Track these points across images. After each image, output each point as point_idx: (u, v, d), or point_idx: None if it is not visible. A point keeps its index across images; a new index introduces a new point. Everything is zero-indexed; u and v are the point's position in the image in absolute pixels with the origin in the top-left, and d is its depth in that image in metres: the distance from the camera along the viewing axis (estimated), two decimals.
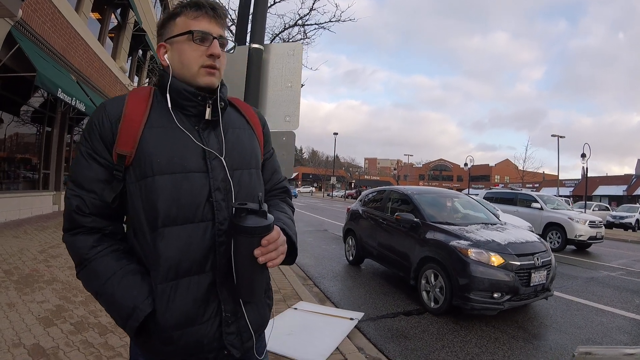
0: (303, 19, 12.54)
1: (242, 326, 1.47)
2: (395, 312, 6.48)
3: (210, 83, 1.45)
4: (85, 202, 1.39)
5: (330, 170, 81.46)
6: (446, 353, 4.98)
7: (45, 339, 4.19)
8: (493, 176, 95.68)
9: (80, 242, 1.41)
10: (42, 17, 11.62)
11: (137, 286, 1.36)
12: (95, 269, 1.38)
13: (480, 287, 5.92)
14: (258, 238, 1.30)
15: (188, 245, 1.37)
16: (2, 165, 12.31)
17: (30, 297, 5.37)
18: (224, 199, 1.43)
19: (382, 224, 8.74)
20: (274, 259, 1.34)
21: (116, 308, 1.36)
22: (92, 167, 1.39)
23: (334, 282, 8.37)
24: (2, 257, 7.35)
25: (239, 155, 1.53)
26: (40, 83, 9.50)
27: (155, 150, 1.37)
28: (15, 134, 12.92)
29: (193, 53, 1.43)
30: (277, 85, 3.90)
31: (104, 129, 1.39)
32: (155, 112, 1.44)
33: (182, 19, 1.46)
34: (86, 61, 15.58)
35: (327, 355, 4.45)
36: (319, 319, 5.60)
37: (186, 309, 1.37)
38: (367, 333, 5.48)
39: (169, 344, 1.37)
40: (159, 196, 1.35)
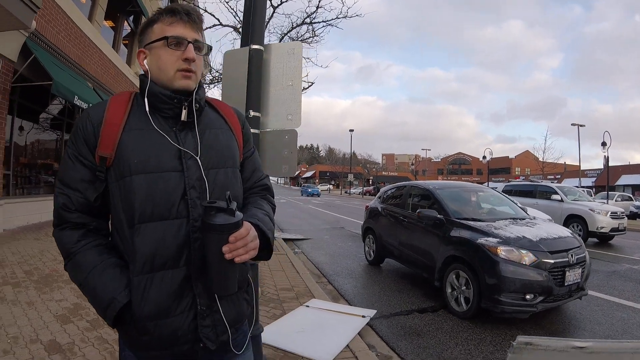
0: (310, 17, 12.57)
1: (217, 320, 1.52)
2: (409, 310, 6.44)
3: (187, 86, 1.52)
4: (71, 199, 1.49)
5: (347, 167, 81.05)
6: (459, 351, 4.91)
7: (62, 335, 4.35)
8: (513, 168, 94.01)
9: (67, 236, 1.52)
10: (56, 27, 11.89)
11: (115, 279, 1.45)
12: (79, 261, 1.49)
13: (511, 289, 5.50)
14: (226, 235, 1.34)
15: (162, 240, 1.44)
16: (24, 170, 12.61)
17: (49, 295, 5.56)
18: (199, 197, 1.49)
19: (403, 221, 8.36)
20: (242, 255, 1.37)
21: (97, 298, 1.46)
22: (77, 168, 1.49)
23: (348, 279, 8.35)
24: (24, 258, 7.58)
25: (216, 154, 1.58)
26: (56, 91, 9.77)
27: (133, 152, 1.45)
28: (36, 140, 13.24)
29: (169, 58, 1.50)
30: (279, 84, 3.96)
31: (87, 132, 1.48)
32: (134, 116, 1.52)
33: (158, 26, 1.53)
34: (101, 68, 15.86)
35: (337, 353, 4.45)
36: (331, 316, 5.58)
37: (160, 301, 1.43)
38: (380, 330, 5.49)
39: (144, 334, 1.45)
40: (135, 195, 1.43)
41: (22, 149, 12.35)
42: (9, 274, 6.45)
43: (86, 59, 14.28)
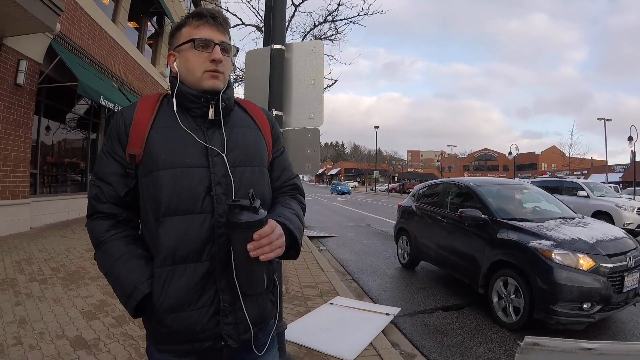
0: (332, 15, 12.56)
1: (239, 317, 1.53)
2: (433, 308, 6.38)
3: (214, 86, 1.56)
4: (103, 191, 1.56)
5: (372, 164, 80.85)
6: (483, 350, 4.86)
7: (87, 331, 4.42)
8: (540, 164, 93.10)
9: (97, 226, 1.57)
10: (80, 29, 12.12)
11: (139, 269, 1.49)
12: (107, 250, 1.54)
13: (568, 297, 4.94)
14: (251, 233, 1.35)
15: (185, 234, 1.46)
16: (51, 169, 12.88)
17: (75, 292, 5.64)
18: (224, 193, 1.51)
19: (441, 221, 7.68)
20: (268, 253, 1.38)
21: (120, 287, 1.50)
22: (110, 163, 1.56)
23: (372, 277, 8.30)
24: (50, 255, 7.70)
25: (242, 153, 1.60)
26: (82, 91, 9.96)
27: (160, 148, 1.50)
28: (63, 139, 13.48)
29: (197, 59, 1.54)
30: (300, 83, 3.97)
31: (120, 131, 1.55)
32: (163, 115, 1.57)
33: (186, 29, 1.59)
34: (126, 68, 16.08)
35: (360, 351, 4.43)
36: (355, 314, 5.56)
37: (180, 293, 1.46)
38: (404, 328, 5.46)
39: (163, 326, 1.48)
40: (161, 189, 1.47)
41: (49, 148, 12.58)
42: (36, 270, 6.56)
43: (111, 60, 14.50)
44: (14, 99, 9.52)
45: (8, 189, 9.48)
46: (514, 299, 5.50)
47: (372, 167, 78.76)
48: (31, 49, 9.89)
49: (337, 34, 13.27)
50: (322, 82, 4.05)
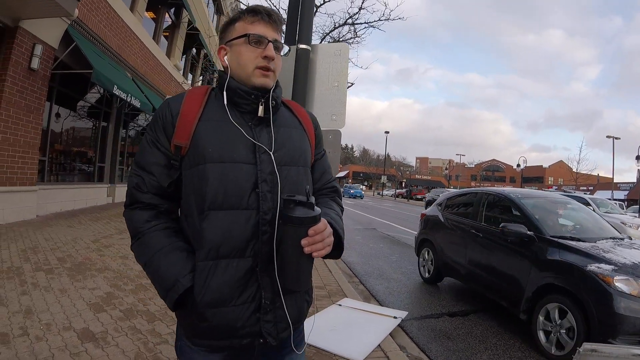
0: (353, 18, 12.52)
1: (279, 316, 1.52)
2: (439, 313, 6.42)
3: (265, 84, 1.55)
4: (145, 181, 1.54)
5: (380, 169, 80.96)
6: (488, 356, 4.91)
7: (95, 324, 4.34)
8: (546, 178, 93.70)
9: (137, 216, 1.55)
10: (98, 16, 12.06)
11: (181, 262, 1.47)
12: (147, 241, 1.51)
13: (630, 330, 4.30)
14: (305, 228, 1.35)
15: (230, 229, 1.45)
16: (59, 157, 12.81)
17: (82, 283, 5.57)
18: (270, 190, 1.50)
19: (475, 235, 6.85)
20: (320, 250, 1.39)
21: (160, 279, 1.47)
22: (154, 153, 1.54)
23: (379, 280, 8.33)
24: (56, 245, 7.63)
25: (289, 152, 1.60)
26: (96, 80, 9.91)
27: (208, 141, 1.49)
28: (72, 128, 13.41)
29: (249, 54, 1.54)
30: (324, 84, 3.95)
31: (166, 121, 1.53)
32: (211, 108, 1.56)
33: (240, 24, 1.58)
34: (141, 59, 16.05)
35: (369, 352, 4.45)
36: (363, 316, 5.60)
37: (222, 289, 1.44)
38: (410, 332, 5.47)
39: (203, 320, 1.45)
40: (208, 182, 1.45)
41: (58, 135, 12.52)
42: (42, 260, 6.49)
43: (126, 49, 14.46)
44: (27, 83, 9.44)
45: (16, 175, 9.41)
46: (563, 329, 4.84)
47: (380, 171, 78.77)
48: (47, 33, 9.82)
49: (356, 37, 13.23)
50: (345, 85, 4.03)
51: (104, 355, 3.71)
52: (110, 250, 7.72)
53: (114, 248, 7.91)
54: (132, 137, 18.78)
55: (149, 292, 5.54)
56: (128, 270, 6.44)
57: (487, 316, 6.29)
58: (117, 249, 7.88)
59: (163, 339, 4.19)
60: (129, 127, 17.70)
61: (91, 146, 14.56)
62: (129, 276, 6.14)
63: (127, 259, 7.13)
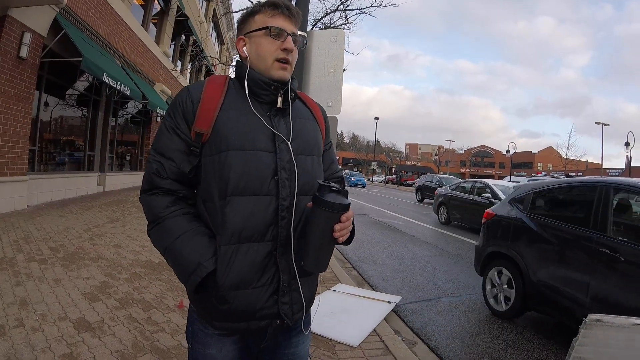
0: (344, 4, 12.42)
1: (294, 297, 1.59)
2: (432, 297, 6.49)
3: (283, 76, 1.61)
4: (164, 167, 1.58)
5: (370, 155, 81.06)
6: (482, 339, 4.97)
7: (91, 314, 4.32)
8: (536, 164, 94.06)
9: (157, 201, 1.59)
10: (86, 3, 11.90)
11: (204, 245, 1.51)
12: (168, 226, 1.55)
13: None
14: (338, 214, 1.44)
15: (252, 214, 1.50)
16: (49, 146, 12.68)
17: (76, 273, 5.54)
18: (288, 178, 1.56)
19: (600, 253, 4.42)
20: (345, 235, 1.51)
21: (182, 263, 1.52)
22: (174, 139, 1.58)
23: (372, 265, 8.37)
24: (49, 234, 7.57)
25: (304, 142, 1.66)
26: (86, 67, 9.80)
27: (230, 129, 1.54)
28: (61, 116, 13.28)
29: (269, 46, 1.59)
30: (320, 71, 3.94)
31: (186, 108, 1.57)
32: (231, 97, 1.61)
33: (260, 16, 1.63)
34: (130, 46, 15.89)
35: (364, 337, 4.51)
36: (357, 301, 5.66)
37: (243, 272, 1.50)
38: (404, 317, 5.53)
39: (223, 303, 1.51)
40: (230, 168, 1.50)
41: (47, 124, 12.38)
42: (35, 250, 6.44)
43: (115, 37, 14.31)
44: (16, 72, 9.31)
45: (6, 165, 9.31)
46: None
47: (370, 157, 78.83)
48: (36, 21, 9.69)
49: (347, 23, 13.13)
50: (341, 71, 4.02)
51: (100, 345, 3.69)
52: (102, 239, 7.67)
53: (106, 237, 7.86)
54: (122, 125, 18.63)
55: (144, 280, 5.54)
56: (122, 259, 6.41)
57: (480, 300, 6.34)
58: (109, 237, 7.84)
59: (159, 327, 4.18)
60: (118, 115, 17.51)
61: (81, 135, 14.41)
62: (122, 265, 6.12)
63: (120, 248, 7.12)
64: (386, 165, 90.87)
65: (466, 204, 15.00)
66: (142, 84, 16.08)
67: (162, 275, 5.83)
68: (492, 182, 15.04)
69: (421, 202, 27.89)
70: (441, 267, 8.57)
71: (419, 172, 76.94)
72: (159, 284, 5.44)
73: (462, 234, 13.77)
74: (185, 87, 1.65)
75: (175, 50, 23.92)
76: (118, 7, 14.15)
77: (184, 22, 20.94)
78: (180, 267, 1.53)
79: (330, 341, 4.35)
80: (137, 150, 20.71)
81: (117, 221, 9.70)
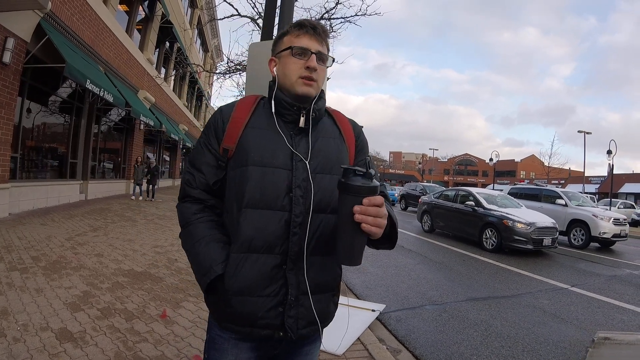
0: (329, 13, 12.45)
1: (301, 313, 1.63)
2: (416, 305, 6.51)
3: (307, 92, 1.66)
4: (195, 178, 1.73)
5: None
6: (466, 347, 4.99)
7: (73, 324, 4.27)
8: (519, 172, 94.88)
9: (186, 208, 1.74)
10: (70, 9, 11.84)
11: (217, 251, 1.63)
12: (192, 231, 1.69)
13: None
14: (362, 198, 1.37)
15: (264, 226, 1.59)
16: (31, 154, 12.55)
17: (58, 282, 5.47)
18: (302, 195, 1.62)
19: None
20: (370, 224, 1.39)
21: (197, 265, 1.64)
22: (205, 154, 1.73)
23: (356, 274, 8.35)
24: (30, 243, 7.49)
25: (323, 160, 1.69)
26: (69, 74, 9.73)
27: (252, 146, 1.64)
28: (43, 123, 13.18)
29: (293, 65, 1.66)
30: None
31: (217, 127, 1.71)
32: (258, 116, 1.71)
33: (288, 37, 1.71)
34: (114, 53, 15.83)
35: (348, 346, 4.51)
36: (341, 310, 5.50)
37: (249, 279, 1.58)
38: (389, 325, 5.53)
39: (228, 306, 1.60)
40: (248, 182, 1.61)
41: (30, 131, 12.26)
42: (16, 259, 6.36)
43: (99, 43, 14.25)
44: None
45: None
46: None
47: None
48: (19, 26, 9.61)
49: (332, 32, 13.16)
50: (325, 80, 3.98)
51: (83, 355, 3.65)
52: (84, 248, 7.60)
53: (88, 246, 7.78)
54: (105, 133, 18.52)
55: (126, 290, 5.49)
56: (103, 269, 6.35)
57: (463, 307, 6.40)
58: (91, 247, 7.76)
59: (142, 337, 4.14)
60: (101, 122, 17.40)
61: (63, 142, 14.30)
62: (104, 274, 6.05)
63: (102, 257, 7.05)
64: None
65: (450, 212, 15.17)
66: (126, 91, 16.00)
67: (144, 285, 5.78)
68: (475, 190, 15.26)
69: (405, 210, 28.02)
70: (425, 275, 8.63)
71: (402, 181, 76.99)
72: (142, 294, 5.39)
73: (445, 241, 13.88)
74: (219, 108, 1.79)
75: (160, 57, 23.85)
76: (102, 12, 14.12)
77: (169, 28, 20.91)
78: (196, 268, 1.65)
79: None
80: (120, 157, 20.56)
81: (99, 230, 9.61)
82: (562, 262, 11.43)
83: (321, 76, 1.69)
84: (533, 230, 11.93)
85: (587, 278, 9.35)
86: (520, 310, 6.47)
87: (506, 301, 6.99)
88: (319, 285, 1.67)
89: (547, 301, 7.08)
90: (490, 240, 12.66)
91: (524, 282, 8.62)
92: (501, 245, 12.25)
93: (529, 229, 11.92)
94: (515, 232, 11.99)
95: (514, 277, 8.98)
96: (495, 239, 12.48)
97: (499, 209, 13.17)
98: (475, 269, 9.74)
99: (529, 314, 6.29)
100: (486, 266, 10.13)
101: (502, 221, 12.40)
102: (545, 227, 12.30)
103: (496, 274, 9.21)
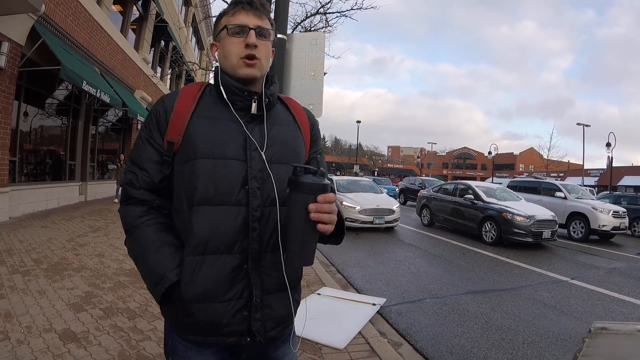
0: (325, 7, 12.42)
1: (266, 314, 1.52)
2: (417, 299, 6.52)
3: (249, 73, 1.53)
4: (138, 177, 1.55)
5: (353, 158, 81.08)
6: (466, 339, 5.01)
7: (76, 324, 4.30)
8: (517, 165, 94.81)
9: (130, 211, 1.56)
10: (64, 10, 11.80)
11: (169, 257, 1.46)
12: (138, 236, 1.52)
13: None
14: (314, 196, 1.33)
15: (219, 224, 1.45)
16: (29, 157, 12.54)
17: (60, 284, 5.49)
18: (259, 187, 1.49)
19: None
20: (326, 222, 1.36)
21: (149, 274, 1.48)
22: (147, 149, 1.55)
23: (356, 269, 8.40)
24: (31, 246, 7.50)
25: (280, 150, 1.57)
26: (65, 76, 9.71)
27: (199, 137, 1.49)
28: (41, 126, 13.17)
29: (232, 46, 1.54)
30: (301, 74, 3.95)
31: (159, 118, 1.55)
32: (204, 105, 1.56)
33: (225, 18, 1.58)
34: (109, 53, 15.80)
35: (350, 340, 4.53)
36: (342, 304, 5.68)
37: (208, 284, 1.44)
38: (389, 318, 5.56)
39: (188, 315, 1.45)
40: (198, 177, 1.45)
41: (27, 135, 12.26)
42: (18, 262, 6.38)
43: (94, 44, 14.22)
44: None
45: None
46: None
47: (352, 161, 78.80)
48: (13, 30, 9.59)
49: (328, 26, 13.13)
50: (322, 74, 4.03)
51: (87, 355, 3.68)
52: (85, 249, 7.62)
53: (89, 247, 7.80)
54: (103, 134, 18.51)
55: (128, 289, 5.51)
56: (105, 269, 6.37)
57: (463, 300, 6.43)
58: (92, 247, 7.78)
59: (145, 336, 4.17)
60: (98, 123, 17.42)
61: (61, 144, 14.29)
62: (106, 274, 6.08)
63: (104, 257, 7.07)
64: (369, 168, 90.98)
65: (449, 205, 15.18)
66: (122, 91, 15.97)
67: None
68: (474, 183, 15.33)
69: (404, 204, 28.00)
70: (425, 268, 8.65)
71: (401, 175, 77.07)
72: (144, 292, 5.40)
73: (445, 235, 13.91)
74: (161, 97, 1.64)
75: (155, 57, 23.77)
76: (96, 13, 14.07)
77: (163, 27, 20.81)
78: (147, 278, 1.49)
79: (316, 344, 4.36)
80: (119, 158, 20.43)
81: (99, 230, 9.64)
82: (562, 255, 11.46)
83: (264, 53, 1.56)
84: (532, 223, 11.91)
85: (586, 270, 9.38)
86: (520, 302, 6.49)
87: (506, 294, 7.01)
88: (283, 282, 1.53)
89: (547, 294, 7.11)
90: (490, 233, 12.63)
91: (523, 274, 8.63)
92: (501, 238, 12.21)
93: (529, 222, 11.90)
94: (514, 225, 11.95)
95: (514, 270, 9.00)
96: (495, 232, 12.43)
97: (498, 202, 13.18)
98: (475, 262, 9.76)
99: (528, 307, 6.31)
100: (486, 259, 10.15)
101: (501, 214, 12.37)
102: (545, 220, 12.30)
103: (496, 267, 9.23)
